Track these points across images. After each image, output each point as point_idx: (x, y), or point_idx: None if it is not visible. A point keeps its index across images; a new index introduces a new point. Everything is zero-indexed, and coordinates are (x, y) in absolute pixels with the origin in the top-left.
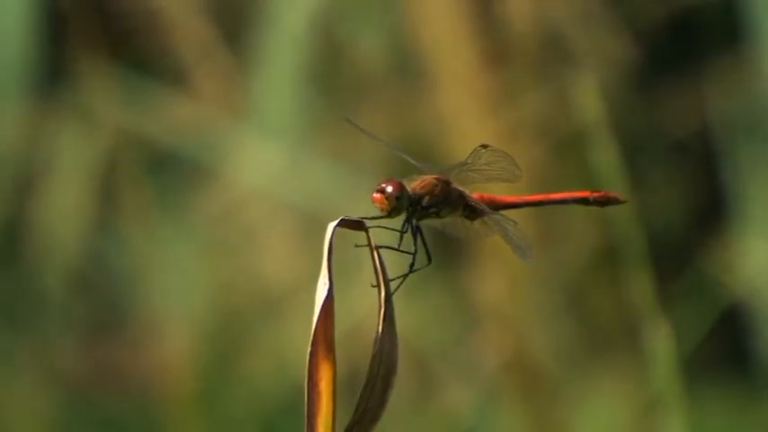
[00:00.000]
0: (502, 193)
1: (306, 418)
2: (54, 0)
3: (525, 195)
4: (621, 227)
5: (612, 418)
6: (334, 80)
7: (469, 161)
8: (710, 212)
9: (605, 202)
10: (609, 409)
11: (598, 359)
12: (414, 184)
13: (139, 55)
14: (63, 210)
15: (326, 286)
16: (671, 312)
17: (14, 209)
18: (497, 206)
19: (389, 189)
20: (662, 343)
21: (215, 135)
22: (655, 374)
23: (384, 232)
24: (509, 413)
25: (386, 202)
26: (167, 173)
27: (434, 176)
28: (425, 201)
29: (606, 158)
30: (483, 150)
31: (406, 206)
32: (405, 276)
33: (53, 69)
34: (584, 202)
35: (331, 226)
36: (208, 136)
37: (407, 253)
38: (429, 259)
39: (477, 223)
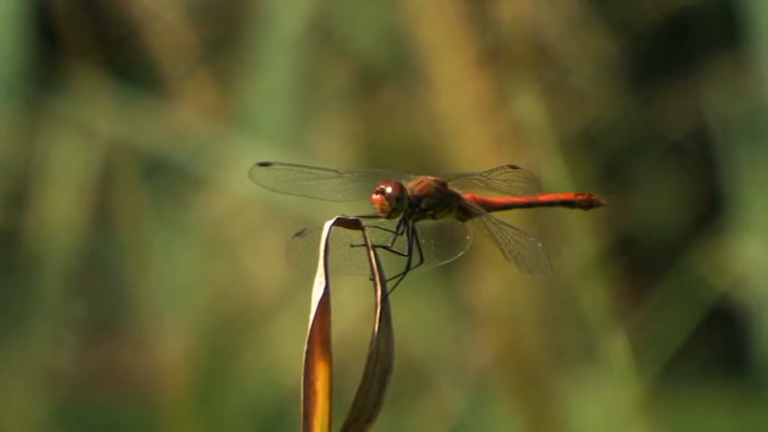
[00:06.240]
0: (492, 196)
1: (302, 417)
2: (46, 9)
3: (514, 197)
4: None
5: (604, 418)
6: (326, 85)
7: (486, 174)
8: (707, 213)
9: (588, 205)
10: (601, 410)
11: (591, 359)
12: (411, 185)
13: (131, 63)
14: (60, 215)
15: (323, 285)
16: (668, 312)
17: (11, 215)
18: (488, 208)
19: (389, 190)
20: (618, 353)
21: (208, 142)
22: (613, 383)
23: (374, 232)
24: (502, 412)
25: (386, 203)
26: (161, 180)
27: (432, 178)
28: (424, 203)
29: (555, 164)
30: (509, 170)
31: (405, 207)
32: (401, 276)
33: (46, 78)
34: (569, 204)
35: (327, 225)
36: (201, 143)
37: (401, 254)
38: (422, 259)
39: (469, 224)
